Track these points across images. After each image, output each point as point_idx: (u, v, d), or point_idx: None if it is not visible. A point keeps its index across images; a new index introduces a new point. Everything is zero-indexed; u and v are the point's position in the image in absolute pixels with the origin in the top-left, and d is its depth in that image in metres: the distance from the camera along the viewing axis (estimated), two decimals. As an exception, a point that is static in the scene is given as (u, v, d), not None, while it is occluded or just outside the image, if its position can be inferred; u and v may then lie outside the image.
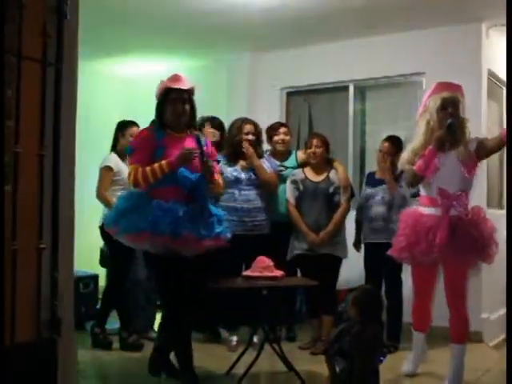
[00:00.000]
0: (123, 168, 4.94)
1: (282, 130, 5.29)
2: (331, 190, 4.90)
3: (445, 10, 5.21)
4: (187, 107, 3.84)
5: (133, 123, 5.07)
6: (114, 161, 4.98)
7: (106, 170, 4.91)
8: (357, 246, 5.17)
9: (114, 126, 5.14)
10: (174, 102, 3.79)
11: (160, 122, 3.85)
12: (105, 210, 4.86)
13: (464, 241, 3.80)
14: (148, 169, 3.66)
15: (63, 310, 2.42)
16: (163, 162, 3.67)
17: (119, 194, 4.85)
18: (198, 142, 3.80)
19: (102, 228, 4.90)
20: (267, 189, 4.98)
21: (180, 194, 3.70)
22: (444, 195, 3.89)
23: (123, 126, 5.06)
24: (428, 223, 3.89)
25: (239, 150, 4.92)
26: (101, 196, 4.89)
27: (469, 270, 3.99)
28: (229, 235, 3.89)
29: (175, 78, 3.82)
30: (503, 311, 5.80)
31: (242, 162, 4.94)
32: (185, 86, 3.81)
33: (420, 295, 4.16)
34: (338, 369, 3.08)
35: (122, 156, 4.99)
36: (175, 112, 3.80)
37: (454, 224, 3.83)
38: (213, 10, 5.22)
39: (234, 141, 4.94)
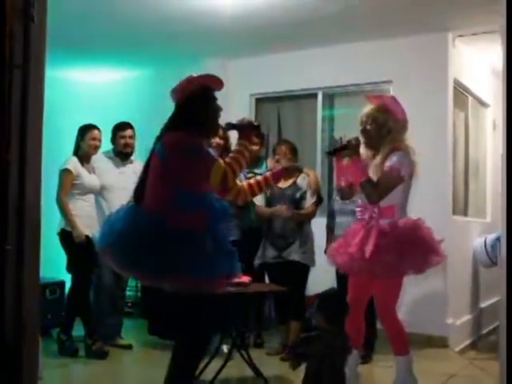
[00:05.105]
0: (83, 173, 4.90)
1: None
2: (298, 195, 4.90)
3: (412, 20, 5.29)
4: None
5: (92, 126, 5.00)
6: (74, 164, 4.88)
7: (66, 173, 4.82)
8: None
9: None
10: (214, 102, 3.21)
11: (196, 125, 3.07)
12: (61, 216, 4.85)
13: (387, 253, 3.53)
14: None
15: (28, 316, 2.38)
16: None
17: (76, 198, 4.85)
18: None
19: (60, 234, 4.87)
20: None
21: (202, 220, 2.93)
22: (362, 208, 3.77)
23: (83, 130, 4.98)
24: (353, 230, 3.81)
25: None
26: (60, 201, 4.78)
27: (396, 282, 3.65)
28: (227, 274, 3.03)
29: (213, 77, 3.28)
30: (468, 317, 5.89)
31: None
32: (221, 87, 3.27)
33: (352, 307, 3.64)
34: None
35: (82, 160, 4.94)
36: (217, 115, 3.23)
37: (368, 234, 3.61)
38: (182, 16, 5.21)
39: None
